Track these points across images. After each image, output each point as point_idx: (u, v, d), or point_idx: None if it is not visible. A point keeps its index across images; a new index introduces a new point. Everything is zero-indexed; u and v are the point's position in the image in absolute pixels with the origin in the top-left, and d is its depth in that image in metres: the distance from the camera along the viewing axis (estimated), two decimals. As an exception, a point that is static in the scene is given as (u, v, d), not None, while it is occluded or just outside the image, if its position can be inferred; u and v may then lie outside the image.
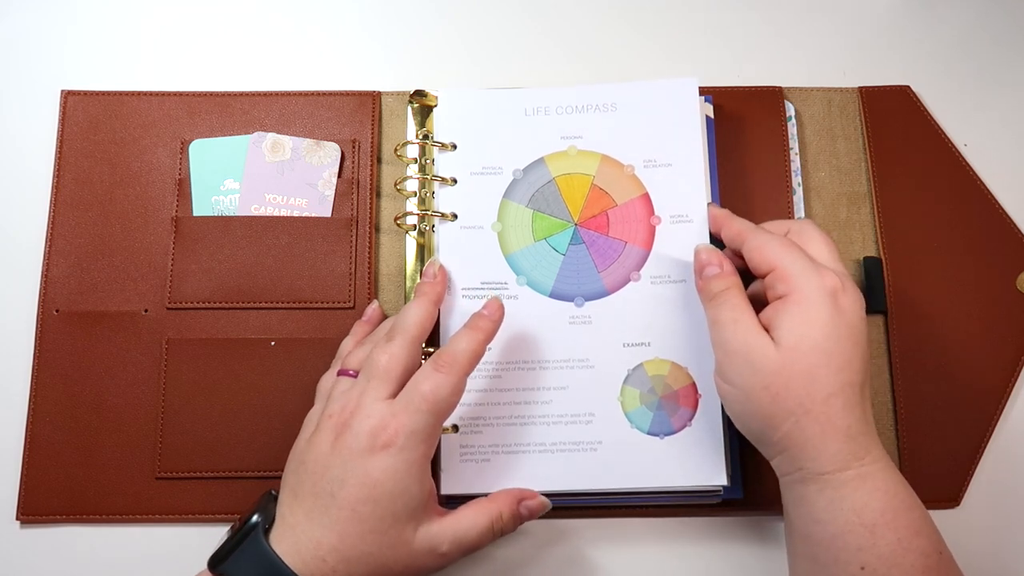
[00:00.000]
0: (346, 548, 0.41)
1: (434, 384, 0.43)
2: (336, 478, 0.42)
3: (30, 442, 0.51)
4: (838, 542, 0.42)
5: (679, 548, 0.52)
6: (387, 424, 0.42)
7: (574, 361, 0.51)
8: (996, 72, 0.61)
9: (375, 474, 0.42)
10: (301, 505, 0.42)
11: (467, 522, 0.44)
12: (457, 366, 0.44)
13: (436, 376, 0.44)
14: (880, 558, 0.41)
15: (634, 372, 0.51)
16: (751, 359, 0.43)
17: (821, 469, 0.42)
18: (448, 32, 0.61)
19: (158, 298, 0.54)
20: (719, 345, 0.45)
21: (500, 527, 0.45)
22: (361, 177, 0.56)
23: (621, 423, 0.50)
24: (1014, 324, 0.55)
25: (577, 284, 0.52)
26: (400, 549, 0.42)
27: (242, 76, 0.59)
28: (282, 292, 0.54)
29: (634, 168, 0.54)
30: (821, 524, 0.42)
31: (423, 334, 0.47)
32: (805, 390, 0.42)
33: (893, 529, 0.41)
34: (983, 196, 0.57)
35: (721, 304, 0.45)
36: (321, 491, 0.42)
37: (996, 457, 0.54)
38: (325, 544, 0.41)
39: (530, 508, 0.47)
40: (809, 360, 0.42)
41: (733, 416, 0.46)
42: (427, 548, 0.43)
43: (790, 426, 0.42)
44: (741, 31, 0.62)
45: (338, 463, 0.42)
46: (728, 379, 0.45)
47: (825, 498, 0.42)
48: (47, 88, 0.58)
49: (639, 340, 0.51)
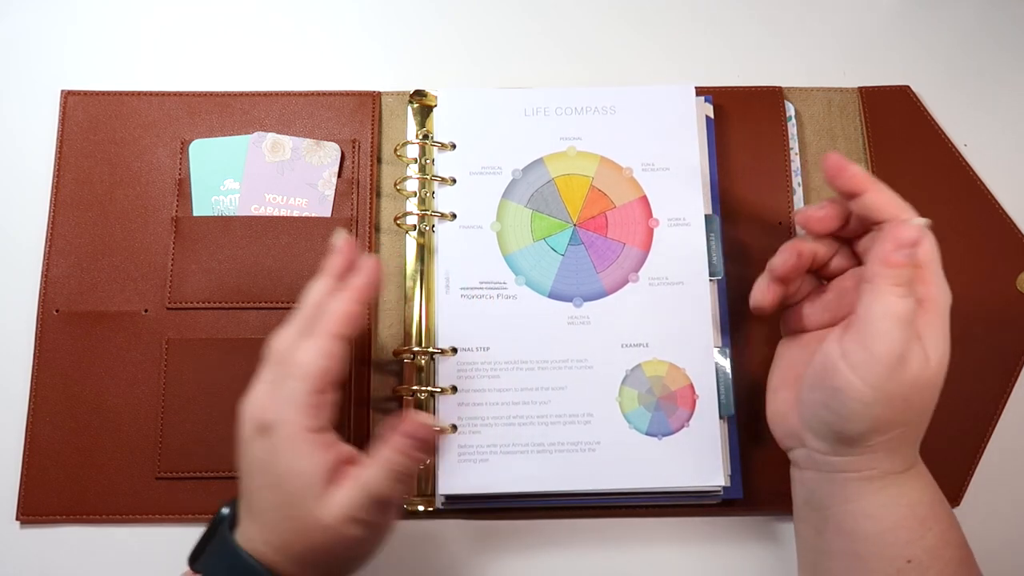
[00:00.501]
0: (272, 537, 0.40)
1: (302, 351, 0.41)
2: (244, 471, 0.41)
3: (30, 442, 0.52)
4: (888, 536, 0.41)
5: (679, 548, 0.52)
6: (264, 406, 0.41)
7: (572, 361, 0.51)
8: (996, 72, 0.61)
9: (262, 458, 0.40)
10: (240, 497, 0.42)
11: (366, 476, 0.40)
12: (323, 328, 0.42)
13: (304, 343, 0.41)
14: (926, 550, 0.41)
15: (632, 373, 0.51)
16: (907, 368, 0.40)
17: (896, 468, 0.42)
18: (448, 32, 0.61)
19: (158, 298, 0.54)
20: (876, 336, 0.39)
21: (396, 466, 0.41)
22: (361, 177, 0.56)
23: (619, 423, 0.50)
24: (1014, 324, 0.55)
25: (576, 285, 0.52)
26: (315, 529, 0.40)
27: (242, 76, 0.59)
28: (282, 292, 0.54)
29: (632, 171, 0.54)
30: (873, 519, 0.42)
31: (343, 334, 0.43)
32: (927, 405, 0.42)
33: (938, 521, 0.42)
34: (983, 196, 0.57)
35: (906, 297, 0.40)
36: (242, 484, 0.42)
37: (996, 457, 0.54)
38: (258, 536, 0.41)
39: (406, 431, 0.41)
40: (940, 377, 0.41)
41: (844, 412, 0.41)
42: (343, 518, 0.40)
43: (898, 433, 0.41)
44: (741, 31, 0.62)
45: (241, 454, 0.42)
46: (868, 379, 0.40)
47: (886, 494, 0.42)
48: (47, 88, 0.58)
49: (637, 341, 0.51)
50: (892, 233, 0.40)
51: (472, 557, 0.52)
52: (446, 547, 0.52)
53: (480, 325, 0.52)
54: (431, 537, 0.52)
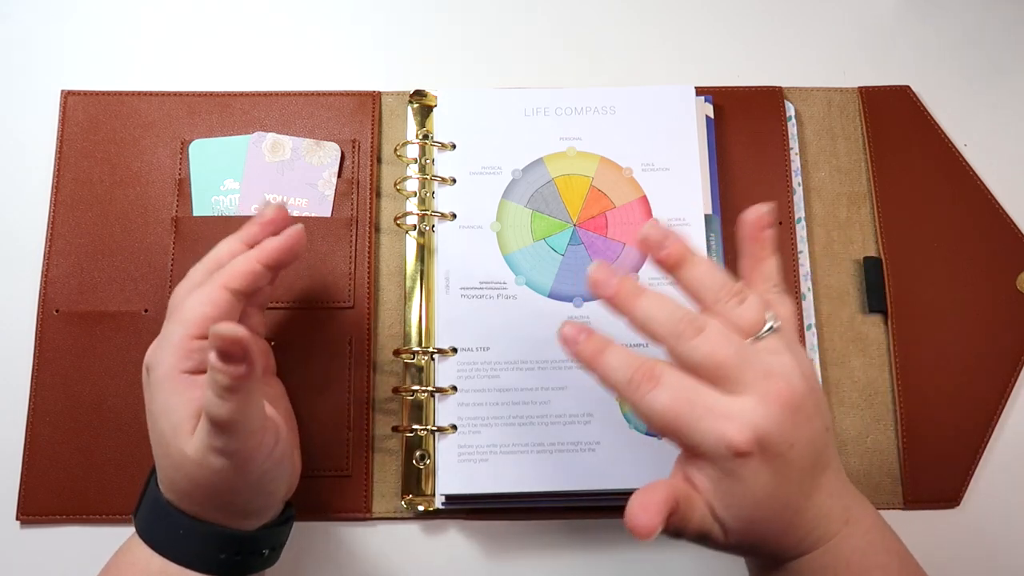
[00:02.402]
0: (161, 475, 0.42)
1: (190, 297, 0.42)
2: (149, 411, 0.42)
3: (30, 442, 0.52)
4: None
5: (679, 548, 0.52)
6: (152, 350, 0.42)
7: (572, 361, 0.51)
8: (996, 72, 0.61)
9: (146, 399, 0.42)
10: None
11: (204, 401, 0.38)
12: (214, 278, 0.42)
13: (197, 289, 0.42)
14: None
15: None
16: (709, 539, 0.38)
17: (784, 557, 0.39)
18: (448, 32, 0.61)
19: (158, 298, 0.54)
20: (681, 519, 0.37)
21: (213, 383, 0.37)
22: (361, 177, 0.56)
23: (619, 423, 0.50)
24: (1014, 324, 0.55)
25: (576, 285, 0.52)
26: (186, 463, 0.40)
27: (242, 76, 0.59)
28: (282, 292, 0.54)
29: (632, 171, 0.54)
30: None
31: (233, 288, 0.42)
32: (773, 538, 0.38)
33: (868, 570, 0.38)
34: (983, 196, 0.57)
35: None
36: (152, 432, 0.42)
37: (996, 457, 0.54)
38: (161, 473, 0.42)
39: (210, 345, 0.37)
40: (757, 529, 0.37)
41: None
42: (203, 448, 0.39)
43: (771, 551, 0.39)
44: (741, 31, 0.62)
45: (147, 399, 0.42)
46: None
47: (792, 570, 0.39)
48: (47, 88, 0.58)
49: (637, 341, 0.51)
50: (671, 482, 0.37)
51: (472, 557, 0.52)
52: (446, 547, 0.52)
53: (480, 325, 0.52)
54: (431, 537, 0.52)
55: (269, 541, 0.44)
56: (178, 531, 0.41)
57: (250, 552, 0.43)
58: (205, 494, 0.41)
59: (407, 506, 0.51)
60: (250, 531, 0.43)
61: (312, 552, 0.51)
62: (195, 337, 0.41)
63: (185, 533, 0.41)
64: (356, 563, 0.52)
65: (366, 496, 0.51)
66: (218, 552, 0.41)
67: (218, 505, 0.41)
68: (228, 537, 0.42)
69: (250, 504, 0.42)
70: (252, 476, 0.41)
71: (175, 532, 0.41)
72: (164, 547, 0.41)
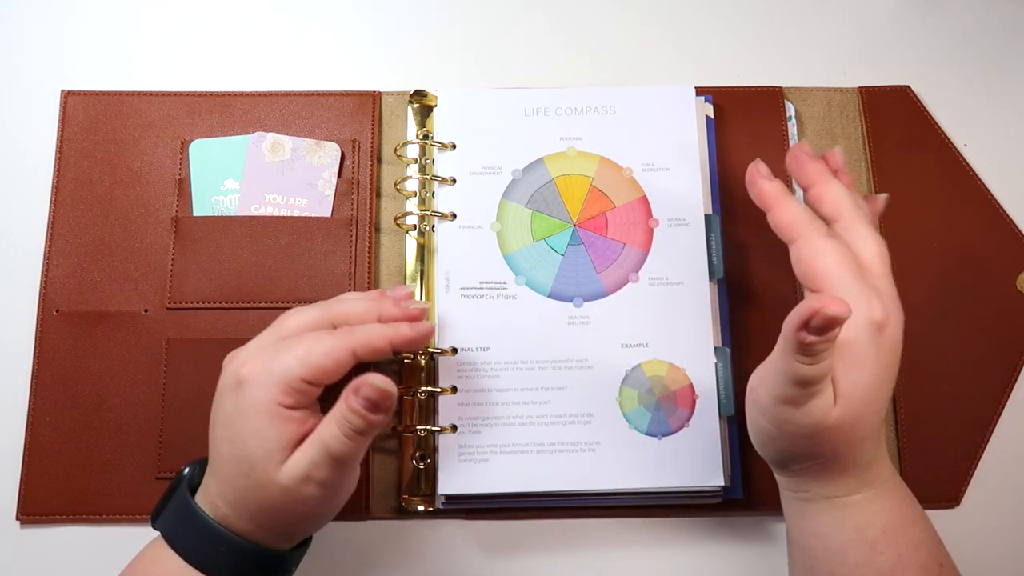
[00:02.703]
0: (227, 491, 0.41)
1: (315, 339, 0.42)
2: (212, 421, 0.42)
3: (30, 442, 0.52)
4: (837, 556, 0.41)
5: (679, 548, 0.52)
6: (249, 365, 0.41)
7: (572, 361, 0.51)
8: (996, 72, 0.61)
9: (230, 413, 0.41)
10: (214, 449, 0.43)
11: (324, 434, 0.41)
12: (349, 336, 0.43)
13: (323, 335, 0.42)
14: (879, 572, 0.41)
15: (632, 372, 0.51)
16: (806, 415, 0.39)
17: (830, 494, 0.42)
18: (448, 32, 0.61)
19: (158, 298, 0.54)
20: (773, 389, 0.40)
21: (350, 425, 0.40)
22: (361, 177, 0.56)
23: (619, 423, 0.50)
24: (1014, 324, 0.55)
25: (576, 285, 0.52)
26: (271, 488, 0.40)
27: (242, 76, 0.59)
28: (282, 292, 0.54)
29: (632, 171, 0.54)
30: (820, 538, 0.42)
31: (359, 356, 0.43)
32: (844, 439, 0.40)
33: (894, 544, 0.41)
34: (983, 196, 0.57)
35: (812, 365, 0.37)
36: (210, 434, 0.43)
37: (996, 457, 0.54)
38: (214, 488, 0.42)
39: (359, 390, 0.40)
40: (857, 410, 0.39)
41: (754, 438, 0.43)
42: (300, 477, 0.40)
43: (813, 464, 0.42)
44: (741, 31, 0.62)
45: (214, 405, 0.43)
46: (767, 417, 0.41)
47: (829, 516, 0.42)
48: (47, 88, 0.58)
49: (637, 341, 0.51)
50: (801, 313, 0.36)
51: (472, 557, 0.52)
52: (446, 547, 0.52)
53: (480, 325, 0.52)
54: (431, 537, 0.52)
55: (297, 560, 0.45)
56: (220, 548, 0.41)
57: (282, 571, 0.44)
58: (272, 517, 0.41)
59: (407, 506, 0.51)
60: (285, 550, 0.44)
61: (312, 552, 0.51)
62: (306, 380, 0.41)
63: (228, 551, 0.41)
64: (356, 563, 0.52)
65: (366, 496, 0.51)
66: (255, 570, 0.42)
67: (277, 528, 0.42)
68: (268, 556, 0.42)
69: (307, 531, 0.44)
70: (332, 507, 0.43)
71: (216, 549, 0.41)
72: (200, 561, 0.41)
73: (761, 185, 0.45)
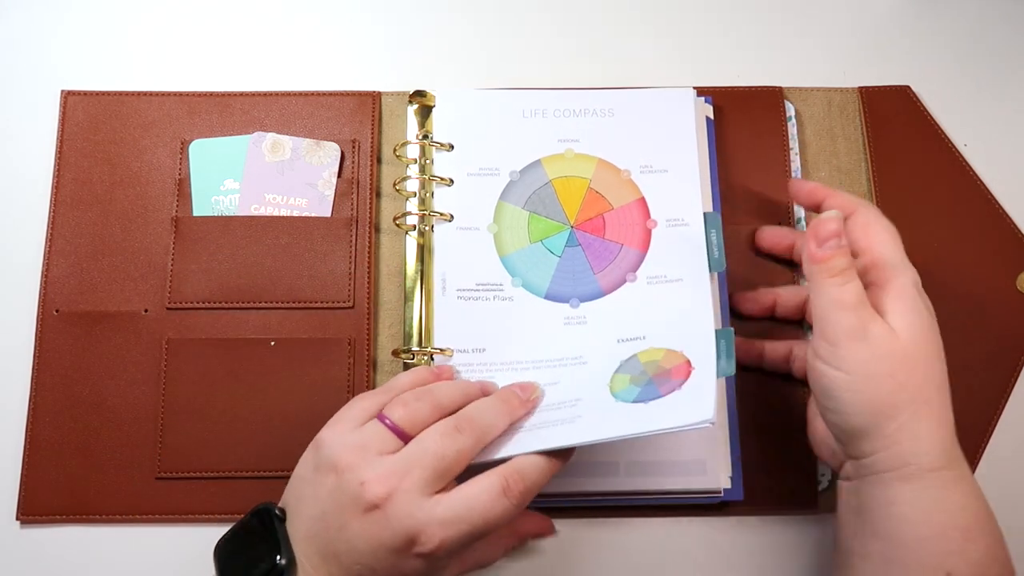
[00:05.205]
0: (328, 548, 0.41)
1: (491, 503, 0.41)
2: (367, 564, 0.40)
3: (30, 442, 0.52)
4: (928, 545, 0.40)
5: (679, 548, 0.52)
6: (432, 534, 0.40)
7: (568, 359, 0.50)
8: (996, 72, 0.61)
9: (406, 572, 0.41)
10: (325, 565, 0.41)
11: None
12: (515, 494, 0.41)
13: (501, 499, 0.41)
14: (970, 564, 0.40)
15: (627, 362, 0.48)
16: (874, 344, 0.41)
17: (932, 464, 0.41)
18: (448, 32, 0.61)
19: (158, 298, 0.54)
20: (831, 326, 0.42)
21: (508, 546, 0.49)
22: (361, 177, 0.56)
23: (608, 400, 0.46)
24: (1014, 324, 0.55)
25: (572, 286, 0.52)
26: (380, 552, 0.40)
27: (242, 76, 0.59)
28: (282, 292, 0.54)
29: (630, 173, 0.54)
30: (913, 524, 0.41)
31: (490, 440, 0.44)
32: (925, 378, 0.42)
33: (984, 535, 0.41)
34: (983, 196, 0.57)
35: (846, 283, 0.42)
36: (346, 565, 0.41)
37: (996, 457, 0.54)
38: (320, 546, 0.41)
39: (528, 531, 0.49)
40: (926, 349, 0.42)
41: (840, 407, 0.42)
42: None
43: (908, 416, 0.41)
44: (741, 31, 0.62)
45: (367, 549, 0.40)
46: (842, 365, 0.42)
47: (927, 498, 0.41)
48: (47, 88, 0.58)
49: (634, 335, 0.50)
50: (812, 231, 0.43)
51: (472, 557, 0.52)
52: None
53: (476, 326, 0.51)
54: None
55: None
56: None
57: None
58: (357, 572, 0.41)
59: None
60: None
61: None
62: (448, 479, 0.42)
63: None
64: (356, 563, 0.51)
65: (366, 496, 0.51)
66: None
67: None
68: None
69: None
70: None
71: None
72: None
73: (809, 185, 0.49)
